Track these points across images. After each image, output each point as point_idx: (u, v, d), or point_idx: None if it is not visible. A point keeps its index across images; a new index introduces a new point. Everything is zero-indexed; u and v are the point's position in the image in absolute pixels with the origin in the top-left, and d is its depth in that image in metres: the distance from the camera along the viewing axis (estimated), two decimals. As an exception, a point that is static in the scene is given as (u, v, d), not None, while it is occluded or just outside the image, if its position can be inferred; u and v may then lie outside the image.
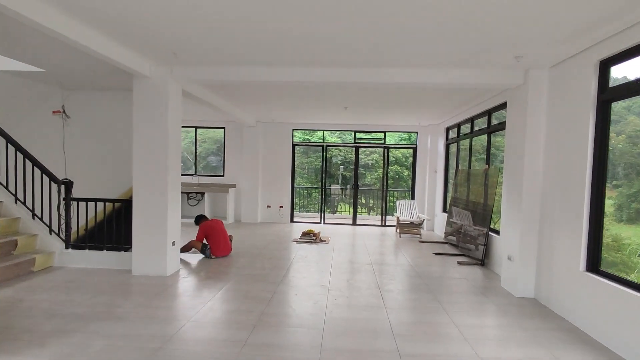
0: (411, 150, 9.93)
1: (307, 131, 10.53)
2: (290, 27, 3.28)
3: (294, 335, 3.11)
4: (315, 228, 8.64)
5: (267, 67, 4.50)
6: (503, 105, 5.38)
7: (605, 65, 3.34)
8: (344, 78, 4.47)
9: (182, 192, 9.47)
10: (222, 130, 9.91)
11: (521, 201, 4.27)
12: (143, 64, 4.35)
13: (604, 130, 3.34)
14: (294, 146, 9.83)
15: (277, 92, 6.16)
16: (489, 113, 6.00)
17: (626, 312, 2.88)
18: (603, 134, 3.35)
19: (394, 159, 12.73)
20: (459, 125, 7.62)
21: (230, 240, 6.06)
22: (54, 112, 5.54)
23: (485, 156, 6.28)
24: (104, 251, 5.02)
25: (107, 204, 5.18)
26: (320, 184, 10.19)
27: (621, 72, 3.38)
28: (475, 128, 6.71)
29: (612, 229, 5.39)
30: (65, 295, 3.92)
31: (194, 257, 5.73)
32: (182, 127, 9.95)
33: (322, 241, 7.29)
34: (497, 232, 5.49)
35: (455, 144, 7.97)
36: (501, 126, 5.46)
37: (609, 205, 3.84)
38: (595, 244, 3.38)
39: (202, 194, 9.53)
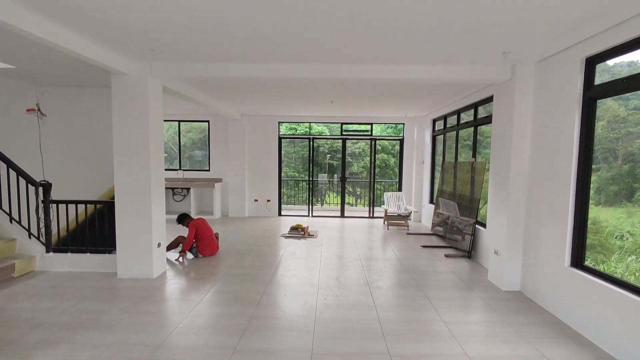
0: (398, 142, 9.93)
1: (294, 123, 10.43)
2: (271, 26, 3.19)
3: (284, 340, 3.10)
4: (304, 222, 8.62)
5: (250, 64, 4.38)
6: (490, 99, 5.39)
7: (590, 63, 3.34)
8: (330, 74, 4.39)
9: (167, 188, 9.31)
10: (207, 123, 9.71)
11: (508, 195, 4.32)
12: (119, 60, 4.18)
13: (589, 129, 3.37)
14: (280, 139, 9.72)
15: (262, 87, 6.03)
16: (475, 106, 6.01)
17: (609, 307, 2.95)
18: (588, 133, 3.37)
19: (380, 147, 12.74)
20: (445, 117, 7.63)
21: (217, 238, 5.99)
22: (28, 110, 5.30)
23: (471, 148, 6.32)
24: (88, 254, 4.90)
25: (88, 205, 5.03)
26: (307, 175, 10.13)
27: (608, 69, 3.41)
28: (462, 120, 6.73)
29: (590, 212, 5.48)
30: (49, 302, 3.82)
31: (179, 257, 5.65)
32: (165, 120, 9.74)
33: (310, 235, 7.28)
34: (484, 225, 5.56)
35: (442, 135, 8.00)
36: (487, 120, 5.48)
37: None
38: (579, 240, 3.44)
39: (188, 189, 9.38)
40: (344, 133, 9.75)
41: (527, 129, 4.22)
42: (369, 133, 9.70)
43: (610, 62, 3.31)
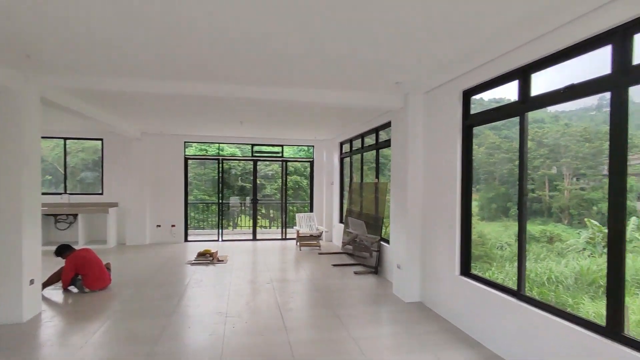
0: (308, 164, 10.16)
1: (204, 144, 10.03)
2: (169, 46, 3.04)
3: (186, 377, 2.82)
4: (213, 247, 8.16)
5: (149, 80, 4.10)
6: (388, 124, 5.84)
7: (467, 95, 3.86)
8: (237, 94, 4.36)
9: (48, 215, 8.07)
10: (100, 142, 8.76)
11: (406, 214, 4.66)
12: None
13: (468, 152, 3.85)
14: (186, 160, 9.21)
15: (166, 104, 5.67)
16: (376, 131, 6.46)
17: (490, 309, 3.32)
18: (468, 156, 3.85)
19: (293, 169, 12.92)
20: (351, 141, 8.06)
21: (108, 269, 5.31)
22: None
23: (374, 169, 6.75)
24: None
25: None
26: (217, 198, 9.71)
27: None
28: (366, 144, 7.17)
29: (477, 226, 6.22)
30: None
31: (61, 294, 4.87)
32: (49, 137, 8.54)
33: (219, 261, 6.91)
34: (388, 242, 5.90)
35: (349, 158, 8.41)
36: (387, 143, 5.92)
37: (474, 206, 4.38)
38: (466, 250, 3.84)
39: (75, 215, 8.25)
40: (255, 154, 9.65)
41: (419, 152, 4.65)
42: (280, 155, 9.77)
43: (485, 96, 3.86)
